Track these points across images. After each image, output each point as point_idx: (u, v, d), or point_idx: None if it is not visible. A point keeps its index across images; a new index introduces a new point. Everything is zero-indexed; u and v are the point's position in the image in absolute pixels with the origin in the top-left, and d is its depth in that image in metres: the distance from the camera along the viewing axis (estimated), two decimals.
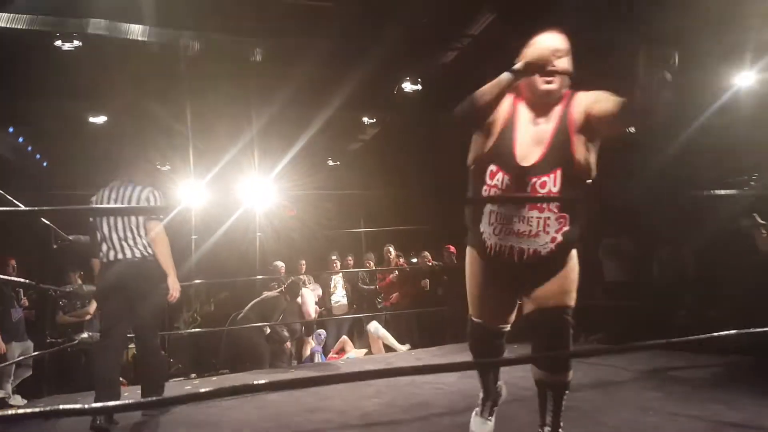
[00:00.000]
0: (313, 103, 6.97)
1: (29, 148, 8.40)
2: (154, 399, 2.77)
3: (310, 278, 6.70)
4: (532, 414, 2.17)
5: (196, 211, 7.22)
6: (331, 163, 10.02)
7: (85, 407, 0.72)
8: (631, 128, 2.50)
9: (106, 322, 3.32)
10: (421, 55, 7.01)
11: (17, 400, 4.75)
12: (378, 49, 5.89)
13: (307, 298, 5.60)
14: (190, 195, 6.86)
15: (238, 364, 5.50)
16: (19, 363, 4.87)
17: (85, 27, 5.54)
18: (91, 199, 3.45)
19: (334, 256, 7.30)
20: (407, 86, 6.95)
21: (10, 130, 7.80)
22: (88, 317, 5.90)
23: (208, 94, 6.68)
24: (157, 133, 7.14)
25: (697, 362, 3.77)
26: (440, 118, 6.32)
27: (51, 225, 4.57)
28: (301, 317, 5.62)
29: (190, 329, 6.56)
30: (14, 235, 6.54)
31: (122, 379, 5.97)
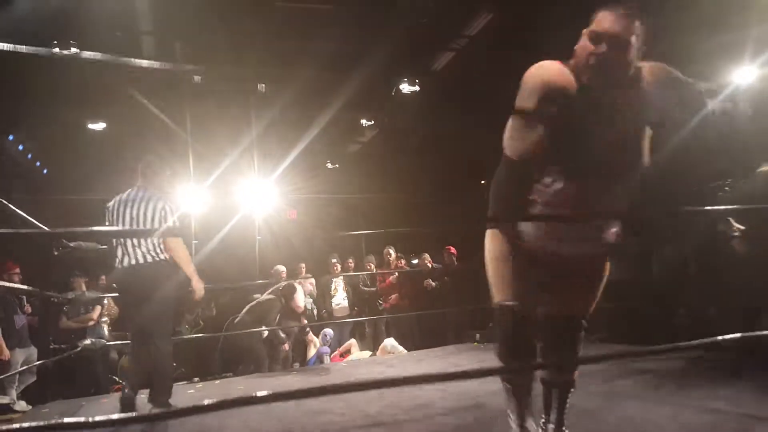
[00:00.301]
0: (311, 106, 6.99)
1: (29, 156, 8.42)
2: (159, 412, 2.80)
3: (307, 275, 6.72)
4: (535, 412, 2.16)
5: (196, 215, 7.24)
6: (330, 166, 10.03)
7: (89, 420, 0.74)
8: None
9: (133, 326, 3.50)
10: (419, 56, 7.02)
11: (22, 406, 4.76)
12: (376, 51, 5.91)
13: (297, 292, 5.63)
14: (191, 199, 6.88)
15: (238, 367, 5.52)
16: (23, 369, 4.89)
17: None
18: (107, 205, 3.54)
19: (334, 259, 7.29)
20: (405, 88, 6.96)
21: (10, 138, 7.82)
22: (92, 323, 5.92)
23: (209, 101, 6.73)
24: (158, 139, 7.15)
25: (697, 358, 3.77)
26: None
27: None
28: (297, 318, 5.64)
29: (193, 333, 6.58)
30: (16, 241, 6.53)
31: (123, 383, 5.99)
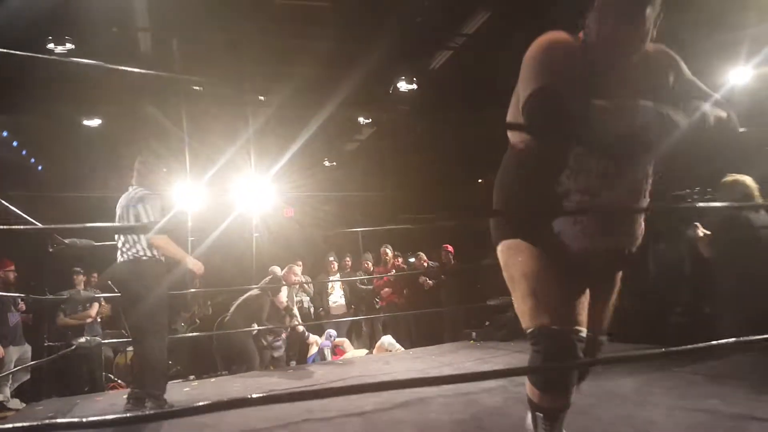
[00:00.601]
0: (309, 104, 6.96)
1: (24, 152, 8.38)
2: (153, 413, 2.80)
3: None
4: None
5: (192, 213, 7.22)
6: (327, 164, 10.01)
7: (83, 420, 0.73)
8: None
9: (128, 323, 3.58)
10: (416, 54, 7.01)
11: (15, 404, 4.74)
12: (373, 49, 5.90)
13: (281, 288, 5.63)
14: (187, 197, 6.86)
15: (232, 366, 5.50)
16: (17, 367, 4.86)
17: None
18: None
19: (331, 257, 7.28)
20: (402, 85, 6.95)
21: (5, 134, 7.78)
22: (89, 320, 5.90)
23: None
24: (154, 136, 7.13)
25: (692, 357, 3.78)
26: None
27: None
28: (281, 315, 5.63)
29: (189, 332, 6.57)
30: (10, 238, 6.50)
31: (120, 382, 5.97)
